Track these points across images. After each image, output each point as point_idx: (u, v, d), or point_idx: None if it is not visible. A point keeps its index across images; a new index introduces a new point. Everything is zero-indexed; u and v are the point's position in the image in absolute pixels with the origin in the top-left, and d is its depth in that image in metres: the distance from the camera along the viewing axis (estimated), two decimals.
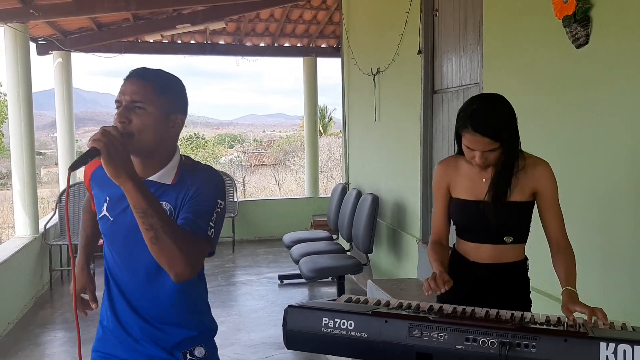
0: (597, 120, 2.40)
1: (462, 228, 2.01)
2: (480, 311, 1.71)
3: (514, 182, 1.87)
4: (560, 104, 2.59)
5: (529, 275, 2.01)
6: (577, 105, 2.52)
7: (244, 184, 17.73)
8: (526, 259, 2.00)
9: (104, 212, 1.57)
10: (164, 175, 1.51)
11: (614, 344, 1.42)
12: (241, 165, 22.93)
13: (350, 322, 1.64)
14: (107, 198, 1.57)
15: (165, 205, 1.48)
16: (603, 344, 1.43)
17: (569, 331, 1.52)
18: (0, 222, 16.04)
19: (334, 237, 5.82)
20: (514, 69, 2.99)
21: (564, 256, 1.87)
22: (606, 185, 2.37)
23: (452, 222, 2.05)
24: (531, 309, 1.98)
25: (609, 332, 1.53)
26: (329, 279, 5.20)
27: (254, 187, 19.71)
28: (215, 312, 1.77)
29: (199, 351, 1.63)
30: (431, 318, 1.61)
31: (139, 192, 1.34)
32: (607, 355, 1.42)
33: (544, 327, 1.56)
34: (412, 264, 4.40)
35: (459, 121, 1.85)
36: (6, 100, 17.86)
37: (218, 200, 1.50)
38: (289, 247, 5.42)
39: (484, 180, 1.92)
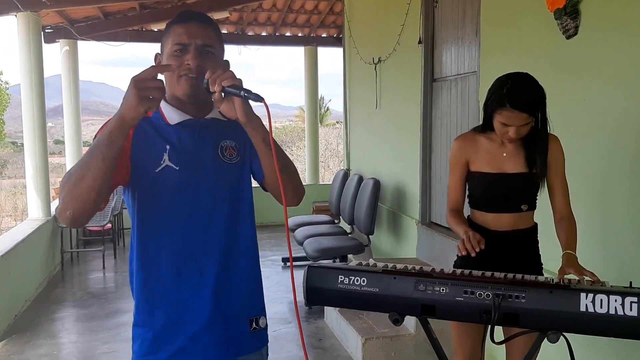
0: (585, 105, 2.62)
1: (484, 200, 2.16)
2: (477, 272, 1.93)
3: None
4: (552, 91, 2.77)
5: (538, 239, 2.18)
6: (566, 91, 2.73)
7: None
8: (536, 225, 2.18)
9: (166, 162, 1.42)
10: (217, 114, 1.48)
11: (592, 294, 1.65)
12: None
13: (363, 279, 1.85)
14: (168, 146, 1.43)
15: (231, 143, 1.51)
16: (583, 294, 1.65)
17: (554, 284, 1.75)
18: None
19: (336, 221, 6.04)
20: (509, 58, 3.20)
21: (567, 223, 2.06)
22: (592, 165, 2.59)
23: (468, 194, 2.21)
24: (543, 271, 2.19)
25: (589, 286, 1.75)
26: (331, 260, 5.42)
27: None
28: None
29: (262, 321, 1.59)
30: (434, 275, 1.83)
31: (263, 125, 1.38)
32: (586, 304, 1.65)
33: (533, 281, 1.79)
34: (412, 244, 4.63)
35: (495, 100, 1.98)
36: (7, 88, 17.94)
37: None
38: (293, 230, 5.63)
39: (504, 154, 2.09)
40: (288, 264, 6.00)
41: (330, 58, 13.17)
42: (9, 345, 4.00)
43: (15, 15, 5.42)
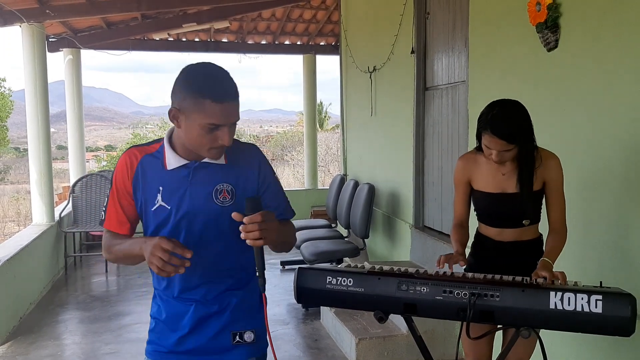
0: (564, 114, 2.75)
1: (486, 216, 2.31)
2: (458, 273, 2.06)
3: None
4: (534, 100, 2.92)
5: (543, 249, 2.27)
6: (547, 101, 2.87)
7: None
8: (541, 235, 2.30)
9: (159, 202, 1.57)
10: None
11: (561, 293, 1.78)
12: None
13: (349, 279, 1.98)
14: (161, 188, 1.57)
15: (227, 187, 1.58)
16: (552, 293, 1.78)
17: (526, 283, 1.87)
18: (2, 216, 16.30)
19: (333, 225, 6.17)
20: (495, 68, 3.34)
21: (556, 235, 2.19)
22: (570, 173, 2.70)
23: (474, 208, 2.34)
24: None
25: (559, 286, 1.88)
26: (328, 263, 5.54)
27: None
28: None
29: (249, 336, 1.66)
30: (416, 275, 1.96)
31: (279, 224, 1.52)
32: (555, 302, 1.77)
33: (507, 280, 1.91)
34: (406, 247, 4.75)
35: (480, 123, 2.13)
36: (11, 95, 18.07)
37: (275, 175, 1.70)
38: None
39: (503, 174, 2.21)
40: (286, 267, 6.13)
41: (331, 63, 13.33)
42: (14, 346, 4.12)
43: (20, 26, 5.57)
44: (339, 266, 2.17)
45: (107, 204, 1.63)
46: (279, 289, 5.41)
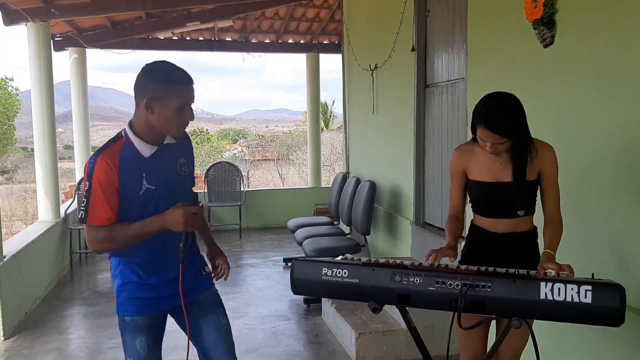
0: (560, 109, 2.78)
1: (481, 206, 2.32)
2: (452, 265, 2.09)
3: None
4: (530, 96, 2.94)
5: (537, 242, 2.31)
6: (543, 96, 2.89)
7: (247, 178, 18.10)
8: (536, 227, 2.31)
9: (146, 186, 1.91)
10: (170, 139, 2.00)
11: (551, 283, 1.81)
12: (244, 159, 23.34)
13: (344, 271, 2.03)
14: (144, 174, 1.91)
15: (183, 160, 2.05)
16: (543, 283, 1.81)
17: (517, 274, 1.90)
18: (10, 214, 16.45)
19: (335, 222, 6.20)
20: (493, 65, 3.37)
21: (553, 226, 2.20)
22: (567, 167, 2.73)
23: (469, 199, 2.36)
24: None
25: (549, 276, 1.90)
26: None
27: (257, 180, 20.11)
28: (225, 290, 2.22)
29: (207, 269, 2.22)
30: (409, 267, 1.99)
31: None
32: (545, 292, 1.80)
33: (499, 272, 1.94)
34: (407, 244, 4.78)
35: (475, 116, 2.15)
36: (18, 94, 18.13)
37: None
38: (293, 231, 5.80)
39: (498, 164, 2.22)
40: (289, 264, 6.17)
41: (335, 62, 13.36)
42: (19, 340, 4.18)
43: (26, 25, 5.64)
44: (336, 259, 2.21)
45: (89, 203, 1.85)
46: (281, 285, 5.45)
